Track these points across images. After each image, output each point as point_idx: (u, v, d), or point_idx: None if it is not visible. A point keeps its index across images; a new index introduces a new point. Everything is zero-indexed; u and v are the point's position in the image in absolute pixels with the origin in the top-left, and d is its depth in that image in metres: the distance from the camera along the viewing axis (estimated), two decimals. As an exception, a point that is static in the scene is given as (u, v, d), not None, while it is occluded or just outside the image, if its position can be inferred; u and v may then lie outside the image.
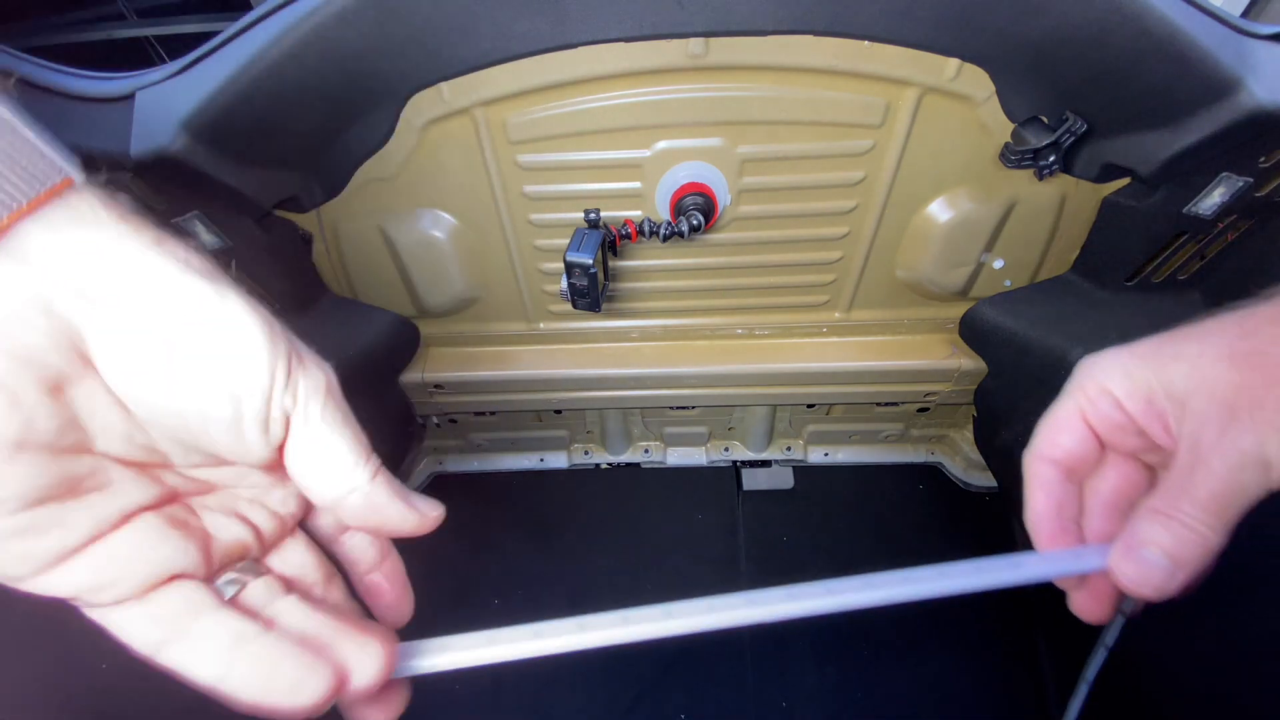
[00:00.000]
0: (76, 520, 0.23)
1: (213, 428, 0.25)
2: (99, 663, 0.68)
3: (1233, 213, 0.71)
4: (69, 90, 0.60)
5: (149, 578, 0.25)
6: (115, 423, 0.25)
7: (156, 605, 0.25)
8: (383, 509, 0.28)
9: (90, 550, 0.24)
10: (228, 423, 0.25)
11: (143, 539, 0.25)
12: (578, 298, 0.75)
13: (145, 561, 0.25)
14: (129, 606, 0.25)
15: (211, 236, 0.72)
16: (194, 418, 0.25)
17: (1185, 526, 0.29)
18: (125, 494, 0.25)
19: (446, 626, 0.34)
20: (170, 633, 0.25)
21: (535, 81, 0.67)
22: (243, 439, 0.26)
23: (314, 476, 0.27)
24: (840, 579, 0.34)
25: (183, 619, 0.25)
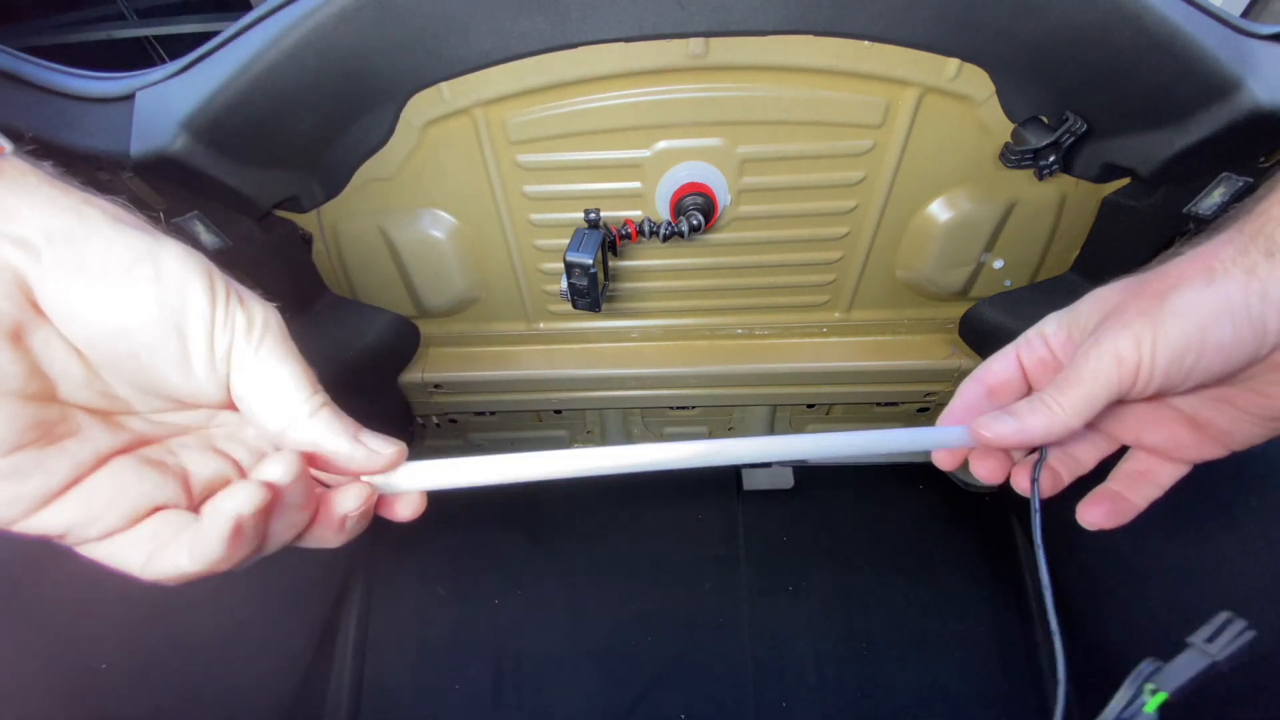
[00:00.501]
0: (56, 464, 0.25)
1: (163, 364, 0.26)
2: (99, 663, 0.68)
3: (1233, 213, 0.71)
4: (69, 90, 0.60)
5: (132, 510, 0.26)
6: (74, 370, 0.26)
7: (143, 531, 0.26)
8: (325, 441, 0.29)
9: (74, 490, 0.25)
10: (176, 358, 0.26)
11: (122, 476, 0.26)
12: (578, 298, 0.75)
13: (127, 496, 0.26)
14: (117, 537, 0.26)
15: (211, 236, 0.72)
16: (145, 355, 0.26)
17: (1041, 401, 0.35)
18: (96, 439, 0.26)
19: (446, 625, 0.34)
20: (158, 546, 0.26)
21: (535, 81, 0.67)
22: (191, 374, 0.27)
23: (257, 407, 0.28)
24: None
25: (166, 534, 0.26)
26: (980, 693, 1.11)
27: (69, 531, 0.25)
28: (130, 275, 0.25)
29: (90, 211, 0.25)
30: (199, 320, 0.26)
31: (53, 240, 0.24)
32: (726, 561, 1.25)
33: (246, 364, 0.28)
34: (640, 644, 1.17)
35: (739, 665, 1.14)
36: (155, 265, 0.26)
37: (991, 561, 1.24)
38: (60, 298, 0.24)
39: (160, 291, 0.26)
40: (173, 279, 0.26)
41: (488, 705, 1.13)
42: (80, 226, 0.25)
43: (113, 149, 0.60)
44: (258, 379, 0.28)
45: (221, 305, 0.27)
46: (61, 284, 0.24)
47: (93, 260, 0.25)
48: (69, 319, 0.25)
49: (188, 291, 0.26)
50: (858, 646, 1.16)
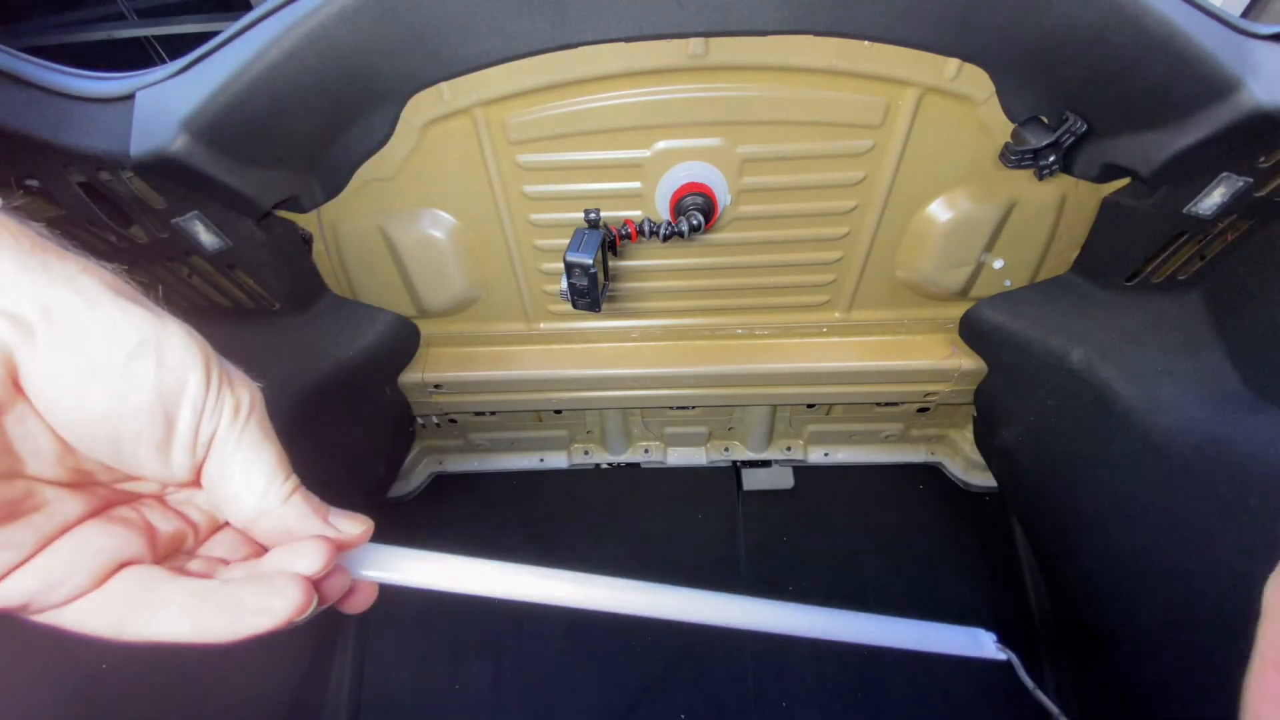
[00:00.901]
0: (20, 538, 0.24)
1: (142, 449, 0.25)
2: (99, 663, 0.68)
3: (1233, 213, 0.71)
4: (69, 90, 0.60)
5: (99, 568, 0.25)
6: (45, 447, 0.25)
7: (111, 590, 0.25)
8: (299, 527, 0.28)
9: (35, 559, 0.24)
10: (157, 444, 0.25)
11: (87, 536, 0.25)
12: (578, 298, 0.75)
13: (93, 553, 0.25)
14: (85, 600, 0.25)
15: (211, 236, 0.72)
16: (126, 440, 0.25)
17: None
18: (62, 510, 0.25)
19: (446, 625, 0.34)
20: (130, 608, 0.25)
21: (535, 81, 0.67)
22: (169, 461, 0.26)
23: (228, 497, 0.27)
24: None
25: (139, 594, 0.25)
26: (980, 693, 1.11)
27: (31, 601, 0.24)
28: (133, 360, 0.24)
29: (88, 282, 0.24)
30: (190, 409, 0.26)
31: (49, 317, 0.23)
32: (726, 561, 1.25)
33: (225, 453, 0.27)
34: (640, 644, 1.17)
35: (739, 665, 1.14)
36: (159, 351, 0.25)
37: (991, 561, 1.24)
38: (49, 379, 0.23)
39: (160, 378, 0.25)
40: (174, 365, 0.25)
41: (488, 705, 1.13)
42: (79, 301, 0.23)
43: (113, 149, 0.60)
44: (234, 468, 0.27)
45: (214, 392, 0.26)
46: (54, 364, 0.23)
47: (94, 341, 0.24)
48: (54, 400, 0.24)
49: (187, 380, 0.25)
50: (858, 646, 1.16)
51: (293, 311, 0.87)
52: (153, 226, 0.72)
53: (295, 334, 0.88)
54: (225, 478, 0.27)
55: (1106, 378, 0.81)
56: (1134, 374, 0.79)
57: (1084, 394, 0.84)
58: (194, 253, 0.75)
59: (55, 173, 0.64)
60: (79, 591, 0.25)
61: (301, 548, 0.28)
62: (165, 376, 0.25)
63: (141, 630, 0.25)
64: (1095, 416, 0.83)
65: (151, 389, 0.25)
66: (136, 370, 0.24)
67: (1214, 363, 0.77)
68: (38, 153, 0.61)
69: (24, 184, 0.68)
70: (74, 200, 0.67)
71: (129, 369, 0.24)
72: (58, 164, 0.63)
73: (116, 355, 0.24)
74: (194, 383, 0.26)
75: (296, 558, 0.28)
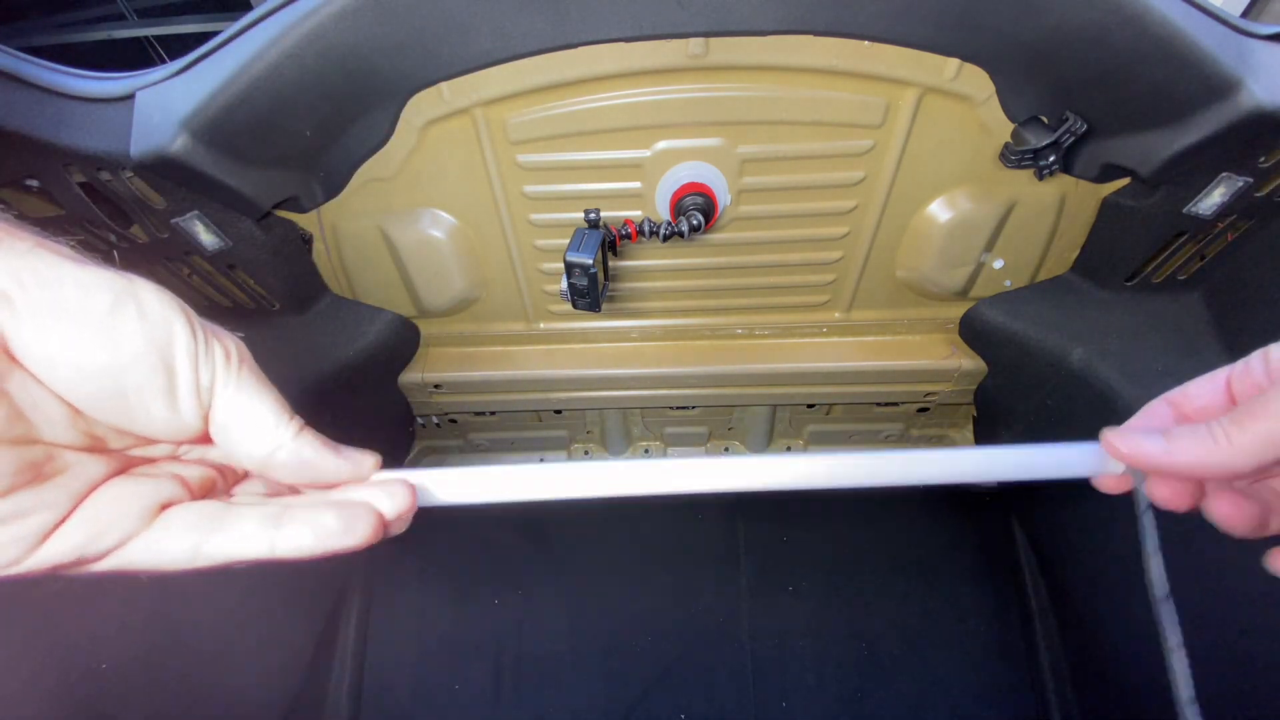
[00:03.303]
0: (53, 497, 0.25)
1: (150, 400, 0.26)
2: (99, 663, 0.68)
3: (1233, 213, 0.71)
4: (69, 90, 0.60)
5: (145, 509, 0.26)
6: (54, 413, 0.26)
7: (174, 520, 0.27)
8: (312, 462, 0.30)
9: (75, 515, 0.25)
10: (163, 393, 0.26)
11: (122, 485, 0.26)
12: (578, 298, 0.75)
13: (134, 497, 0.26)
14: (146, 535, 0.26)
15: (211, 236, 0.72)
16: (131, 393, 0.26)
17: (1207, 430, 0.30)
18: (87, 471, 0.26)
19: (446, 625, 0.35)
20: (203, 533, 0.27)
21: (535, 81, 0.67)
22: (177, 408, 0.27)
23: (240, 438, 0.28)
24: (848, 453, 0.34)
25: (206, 519, 0.27)
26: (980, 693, 1.11)
27: (80, 553, 0.25)
28: (114, 314, 0.25)
29: (47, 255, 0.25)
30: (185, 354, 0.26)
31: (23, 285, 0.24)
32: (726, 561, 1.25)
33: (229, 395, 0.28)
34: (640, 644, 1.17)
35: (739, 665, 1.14)
36: (137, 302, 0.26)
37: (991, 561, 1.24)
38: (39, 343, 0.24)
39: (146, 328, 0.25)
40: (156, 315, 0.26)
41: (488, 705, 1.13)
42: (48, 269, 0.24)
43: (113, 149, 0.60)
44: (240, 408, 0.28)
45: (202, 339, 0.27)
46: (39, 329, 0.24)
47: (71, 302, 0.24)
48: (50, 363, 0.24)
49: (172, 327, 0.26)
50: (858, 646, 1.16)
51: (293, 311, 0.87)
52: (153, 226, 0.72)
53: (295, 334, 0.88)
54: (234, 420, 0.28)
55: (1106, 378, 0.81)
56: (1134, 374, 0.79)
57: (1084, 394, 0.84)
58: (194, 253, 0.75)
59: (55, 173, 0.64)
60: (129, 534, 0.26)
61: (390, 488, 0.31)
62: (151, 326, 0.26)
63: (218, 550, 0.27)
64: (1095, 416, 0.83)
65: (141, 338, 0.25)
66: (120, 322, 0.25)
67: (1214, 363, 0.77)
68: (38, 153, 0.61)
69: (24, 184, 0.68)
70: (74, 200, 0.67)
71: (113, 322, 0.25)
72: (58, 164, 0.63)
73: (97, 310, 0.25)
74: (180, 330, 0.26)
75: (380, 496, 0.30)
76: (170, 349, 0.26)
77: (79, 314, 0.24)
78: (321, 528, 0.28)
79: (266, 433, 0.28)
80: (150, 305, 0.26)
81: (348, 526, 0.28)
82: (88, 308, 0.24)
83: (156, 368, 0.26)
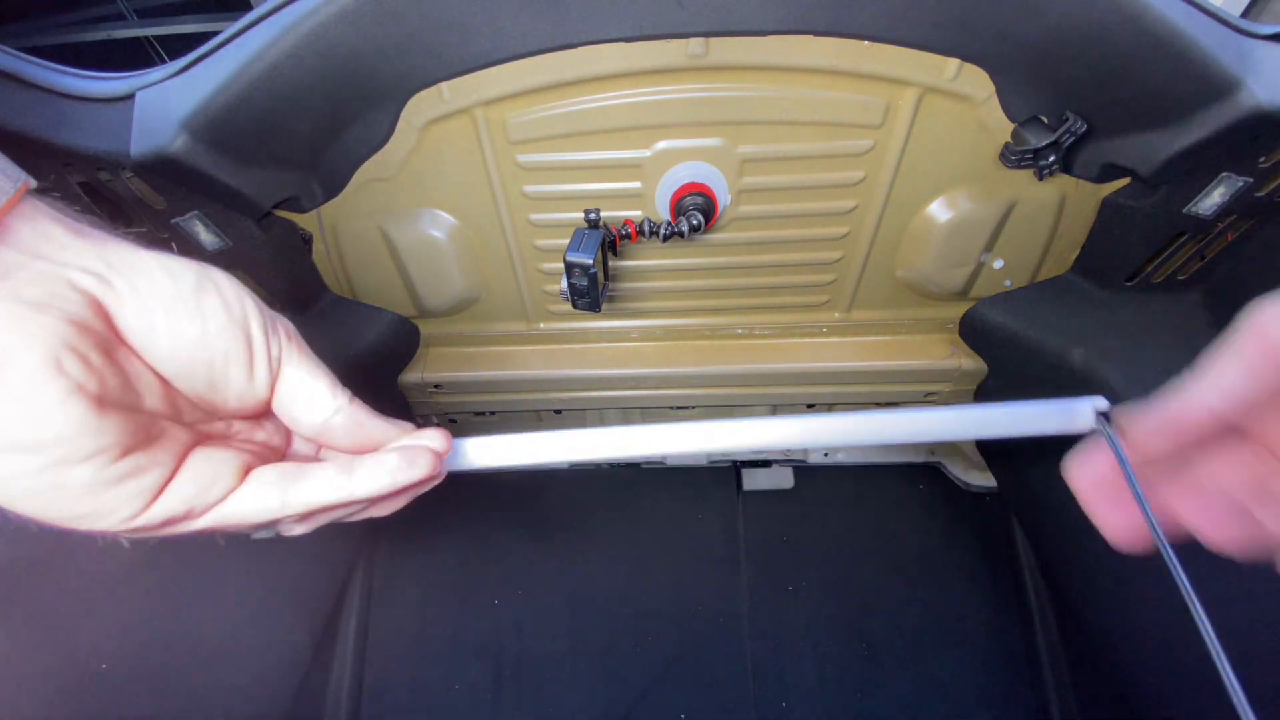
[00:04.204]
0: (163, 457, 0.28)
1: (233, 369, 0.29)
2: (99, 663, 0.68)
3: (1233, 213, 0.71)
4: (69, 90, 0.60)
5: (239, 467, 0.30)
6: (151, 384, 0.28)
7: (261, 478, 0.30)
8: (366, 424, 0.33)
9: (180, 472, 0.28)
10: (245, 362, 0.29)
11: (214, 451, 0.30)
12: (578, 298, 0.75)
13: (228, 459, 0.29)
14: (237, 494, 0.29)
15: (211, 236, 0.72)
16: (219, 361, 0.29)
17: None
18: (180, 437, 0.29)
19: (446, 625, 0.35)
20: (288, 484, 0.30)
21: (535, 81, 0.67)
22: (254, 376, 0.30)
23: (303, 404, 0.32)
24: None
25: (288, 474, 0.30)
26: (980, 693, 1.11)
27: (191, 506, 0.28)
28: (199, 292, 0.28)
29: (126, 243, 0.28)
30: (259, 329, 0.30)
31: (115, 267, 0.26)
32: (726, 561, 1.25)
33: (293, 365, 0.31)
34: (640, 644, 1.17)
35: (739, 665, 1.14)
36: (214, 282, 0.29)
37: (991, 561, 1.24)
38: (140, 319, 0.27)
39: (226, 305, 0.29)
40: (232, 295, 0.29)
41: (488, 705, 1.13)
42: (133, 255, 0.27)
43: (113, 149, 0.60)
44: (303, 376, 0.31)
45: (268, 316, 0.30)
46: (140, 306, 0.27)
47: (161, 282, 0.27)
48: (150, 337, 0.27)
49: (246, 303, 0.30)
50: (858, 646, 1.16)
51: (293, 311, 0.87)
52: (153, 226, 0.72)
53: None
54: (298, 385, 0.31)
55: (1106, 378, 0.81)
56: (1134, 374, 0.79)
57: (1084, 394, 0.84)
58: (194, 253, 0.75)
59: (55, 173, 0.64)
60: (229, 489, 0.29)
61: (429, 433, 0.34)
62: (230, 304, 0.29)
63: (306, 495, 0.30)
64: (1095, 416, 0.83)
65: (224, 314, 0.29)
66: (206, 300, 0.28)
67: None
68: (38, 153, 0.61)
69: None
70: (74, 200, 0.67)
71: (199, 300, 0.28)
72: (58, 164, 0.63)
73: (184, 290, 0.28)
74: (252, 308, 0.30)
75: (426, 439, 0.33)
76: (248, 323, 0.29)
77: (171, 292, 0.27)
78: (390, 465, 0.31)
79: (325, 399, 0.32)
80: (225, 286, 0.29)
81: (412, 461, 0.31)
82: (177, 287, 0.28)
83: (240, 339, 0.29)
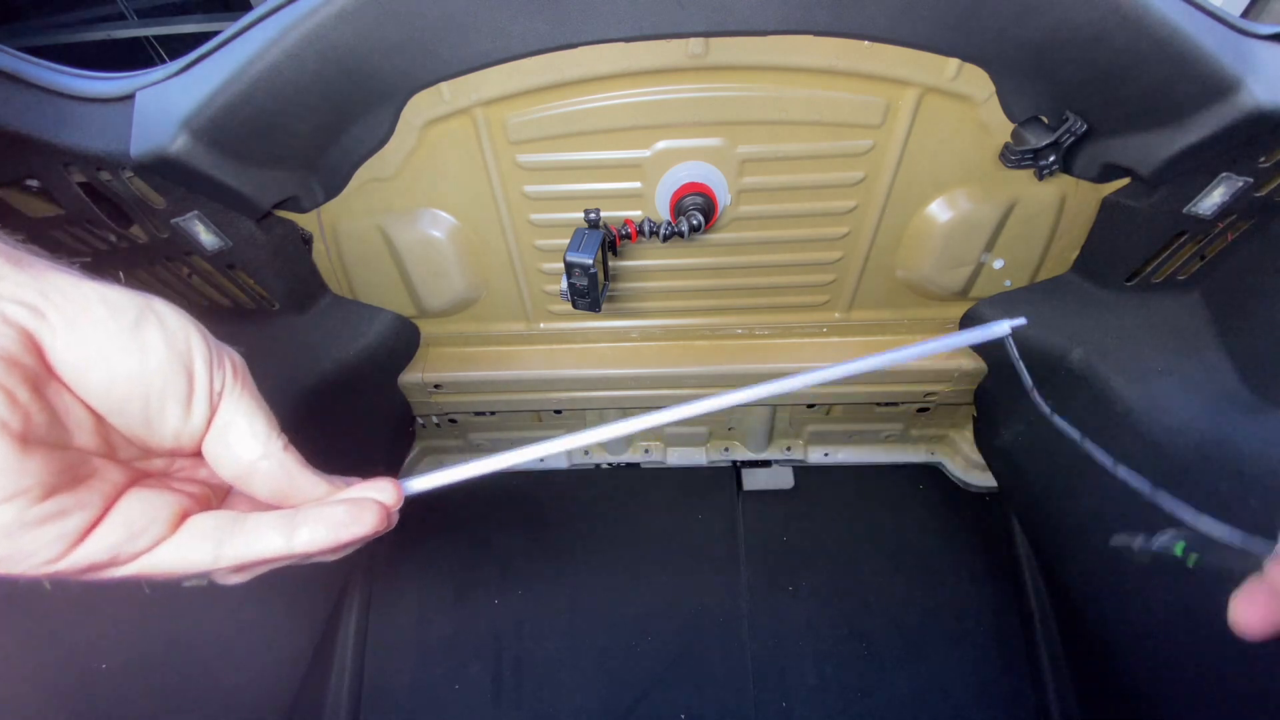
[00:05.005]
0: (90, 499, 0.26)
1: (170, 404, 0.28)
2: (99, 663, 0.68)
3: (1233, 213, 0.71)
4: (69, 90, 0.60)
5: (172, 515, 0.28)
6: (83, 419, 0.27)
7: (195, 528, 0.28)
8: (295, 476, 0.31)
9: (109, 516, 0.27)
10: (183, 398, 0.28)
11: (146, 494, 0.28)
12: (578, 298, 0.75)
13: (162, 505, 0.28)
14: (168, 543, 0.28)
15: (211, 236, 0.72)
16: (154, 397, 0.27)
17: None
18: (112, 476, 0.28)
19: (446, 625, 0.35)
20: (223, 536, 0.28)
21: (535, 81, 0.67)
22: (191, 415, 0.28)
23: (236, 441, 0.30)
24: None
25: (226, 524, 0.29)
26: (980, 692, 1.11)
27: (117, 553, 0.26)
28: (139, 325, 0.27)
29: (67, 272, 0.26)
30: (202, 363, 0.28)
31: (51, 299, 0.25)
32: (726, 561, 1.25)
33: (233, 403, 0.30)
34: (640, 644, 1.17)
35: (739, 665, 1.14)
36: (157, 315, 0.27)
37: (991, 561, 1.24)
38: (73, 352, 0.25)
39: (168, 338, 0.27)
40: (176, 327, 0.28)
41: (488, 705, 1.13)
42: (72, 286, 0.26)
43: (113, 149, 0.60)
44: (236, 416, 0.30)
45: (214, 350, 0.29)
46: (75, 339, 0.25)
47: (99, 313, 0.26)
48: (83, 371, 0.26)
49: (190, 337, 0.28)
50: (858, 646, 1.16)
51: (293, 311, 0.87)
52: (153, 226, 0.72)
53: (295, 334, 0.88)
54: (231, 426, 0.29)
55: (1106, 377, 0.81)
56: (1134, 374, 0.79)
57: (1084, 394, 0.84)
58: (194, 253, 0.75)
59: (55, 173, 0.64)
60: (160, 537, 0.28)
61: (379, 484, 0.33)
62: (172, 337, 0.28)
63: (240, 550, 0.29)
64: (1095, 416, 0.83)
65: (165, 348, 0.27)
66: (146, 333, 0.27)
67: (1214, 363, 0.77)
68: (38, 153, 0.61)
69: (24, 184, 0.68)
70: (74, 200, 0.67)
71: (139, 333, 0.27)
72: (58, 164, 0.63)
73: (124, 322, 0.26)
74: (197, 341, 0.28)
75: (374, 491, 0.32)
76: (190, 357, 0.28)
77: (109, 325, 0.26)
78: (334, 520, 0.30)
79: (259, 440, 0.30)
80: (169, 318, 0.28)
81: (357, 516, 0.30)
82: (116, 320, 0.26)
83: (180, 374, 0.28)
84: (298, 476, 0.31)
